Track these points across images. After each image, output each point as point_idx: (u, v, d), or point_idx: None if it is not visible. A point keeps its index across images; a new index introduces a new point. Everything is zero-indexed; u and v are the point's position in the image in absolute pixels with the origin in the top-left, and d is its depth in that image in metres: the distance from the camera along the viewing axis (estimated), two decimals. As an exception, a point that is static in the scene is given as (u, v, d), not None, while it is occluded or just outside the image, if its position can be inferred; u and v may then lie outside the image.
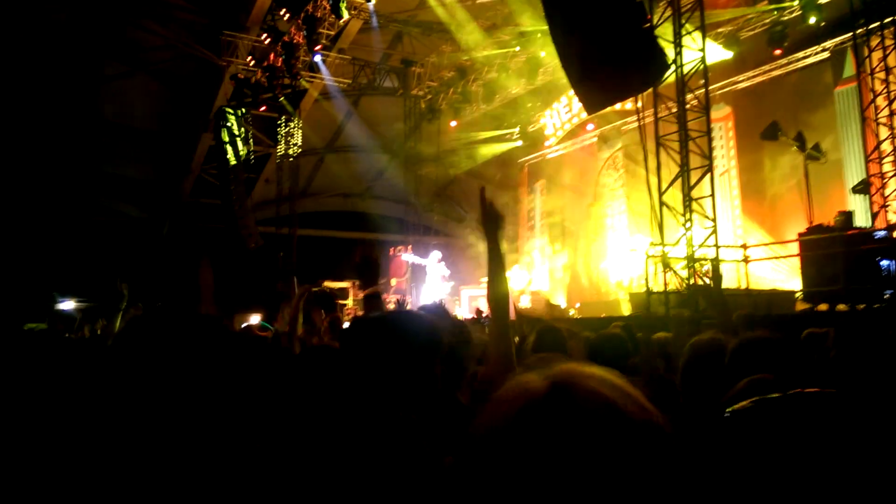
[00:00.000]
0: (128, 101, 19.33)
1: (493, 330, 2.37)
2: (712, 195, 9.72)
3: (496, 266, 2.38)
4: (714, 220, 9.64)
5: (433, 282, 15.62)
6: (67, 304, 19.64)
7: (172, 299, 19.53)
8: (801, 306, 9.27)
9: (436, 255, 16.13)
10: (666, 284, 9.36)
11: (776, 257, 11.98)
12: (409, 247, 17.96)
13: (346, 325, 5.35)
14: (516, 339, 4.88)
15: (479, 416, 0.72)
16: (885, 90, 10.76)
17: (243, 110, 18.41)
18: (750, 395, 1.04)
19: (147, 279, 20.71)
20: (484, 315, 5.83)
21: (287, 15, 15.26)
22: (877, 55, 10.83)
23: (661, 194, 9.80)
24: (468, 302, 15.03)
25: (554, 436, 0.63)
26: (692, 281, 9.29)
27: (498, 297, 2.36)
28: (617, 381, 0.71)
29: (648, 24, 8.93)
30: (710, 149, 9.92)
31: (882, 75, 10.75)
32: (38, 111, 19.00)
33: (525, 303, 16.09)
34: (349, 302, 16.17)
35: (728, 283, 10.92)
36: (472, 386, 2.47)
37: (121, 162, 21.13)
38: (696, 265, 9.46)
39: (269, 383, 1.29)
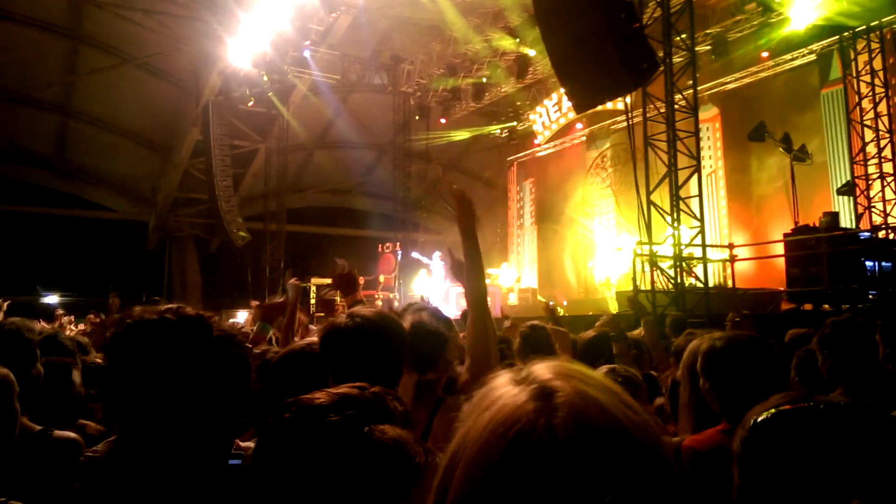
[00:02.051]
0: (115, 94, 19.16)
1: (473, 327, 2.37)
2: (699, 195, 9.78)
3: (476, 263, 2.39)
4: (701, 219, 9.70)
5: (437, 280, 15.62)
6: (51, 298, 19.49)
7: (159, 295, 19.39)
8: (786, 306, 9.35)
9: (437, 254, 16.16)
10: (653, 283, 9.42)
11: (762, 257, 12.07)
12: (398, 244, 17.94)
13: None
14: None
15: (457, 432, 0.61)
16: (870, 93, 10.89)
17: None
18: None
19: (133, 274, 20.57)
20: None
21: (277, 10, 15.18)
22: (862, 58, 10.96)
23: (648, 193, 9.85)
24: (456, 300, 15.02)
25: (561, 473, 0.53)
26: (679, 280, 9.35)
27: (478, 294, 2.36)
28: (611, 386, 0.61)
29: (638, 24, 8.97)
30: (698, 149, 9.98)
31: (868, 78, 10.88)
32: (27, 105, 18.81)
33: (513, 300, 16.12)
34: (338, 298, 16.13)
35: (714, 282, 11.00)
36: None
37: (107, 156, 20.96)
38: (683, 264, 9.53)
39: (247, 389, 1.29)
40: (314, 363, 1.99)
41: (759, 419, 1.06)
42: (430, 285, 15.76)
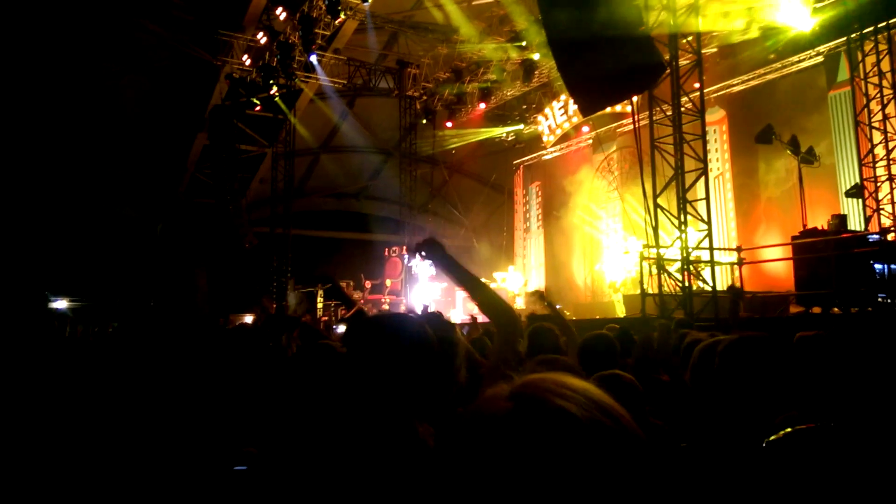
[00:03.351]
0: (122, 100, 19.26)
1: (498, 337, 2.34)
2: (707, 198, 9.75)
3: (469, 281, 2.29)
4: (708, 222, 9.67)
5: (422, 282, 15.60)
6: (60, 303, 19.58)
7: (166, 299, 19.49)
8: (794, 309, 9.30)
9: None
10: (661, 286, 9.38)
11: (770, 260, 12.02)
12: (405, 248, 17.94)
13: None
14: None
15: (454, 428, 0.72)
16: (878, 94, 10.82)
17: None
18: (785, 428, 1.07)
19: (141, 279, 20.66)
20: (479, 320, 5.81)
21: (283, 15, 15.24)
22: (870, 60, 10.89)
23: (655, 197, 9.82)
24: (463, 304, 15.02)
25: (519, 455, 0.63)
26: (686, 283, 9.32)
27: (493, 303, 2.31)
28: (585, 390, 0.69)
29: (644, 27, 8.96)
30: (705, 152, 9.95)
31: (876, 80, 10.81)
32: (31, 111, 18.94)
33: (520, 304, 16.10)
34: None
35: (722, 285, 10.95)
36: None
37: (115, 161, 21.05)
38: (691, 267, 9.49)
39: (267, 382, 1.31)
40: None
41: (773, 439, 1.06)
42: (425, 289, 15.74)
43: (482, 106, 18.44)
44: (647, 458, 0.66)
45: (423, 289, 15.51)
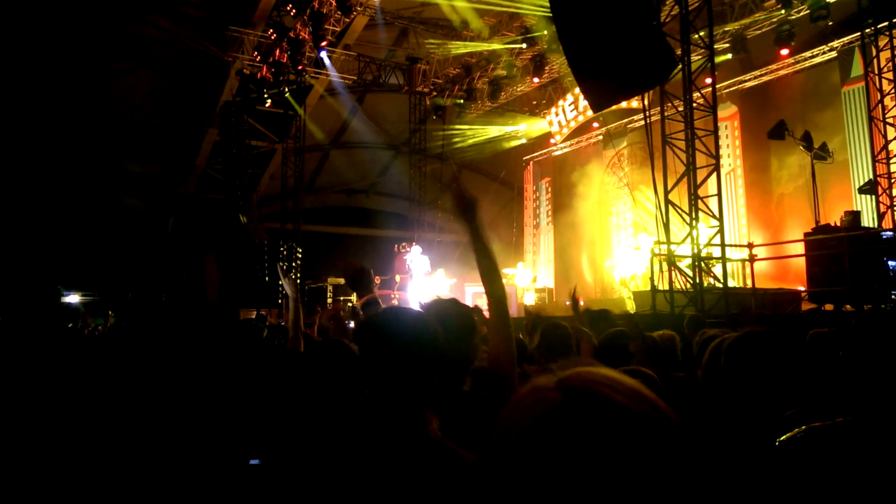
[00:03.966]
0: (134, 96, 19.35)
1: (493, 324, 2.35)
2: (718, 194, 9.68)
3: (484, 256, 2.26)
4: (720, 218, 9.60)
5: (417, 278, 15.57)
6: (72, 298, 19.73)
7: (176, 294, 19.62)
8: (806, 306, 9.24)
9: (417, 249, 16.11)
10: (671, 283, 9.34)
11: (782, 257, 11.94)
12: (413, 243, 17.94)
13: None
14: (520, 335, 4.89)
15: (499, 419, 0.73)
16: (892, 90, 10.71)
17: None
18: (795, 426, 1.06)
19: (151, 274, 20.77)
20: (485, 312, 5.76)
21: (293, 11, 15.25)
22: (885, 55, 10.78)
23: (666, 192, 9.76)
24: (472, 300, 14.99)
25: (571, 446, 0.64)
26: (698, 280, 9.27)
27: (495, 289, 2.31)
28: (632, 383, 0.71)
29: (656, 22, 8.89)
30: (717, 147, 9.89)
31: (890, 75, 10.70)
32: (45, 106, 19.07)
33: (530, 300, 16.07)
34: (353, 298, 16.15)
35: (733, 282, 10.90)
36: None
37: (126, 157, 21.16)
38: (702, 264, 9.44)
39: (277, 378, 1.30)
40: None
41: (786, 438, 1.05)
42: (420, 285, 15.71)
43: (492, 102, 18.39)
44: (695, 451, 0.68)
45: (420, 284, 15.49)
